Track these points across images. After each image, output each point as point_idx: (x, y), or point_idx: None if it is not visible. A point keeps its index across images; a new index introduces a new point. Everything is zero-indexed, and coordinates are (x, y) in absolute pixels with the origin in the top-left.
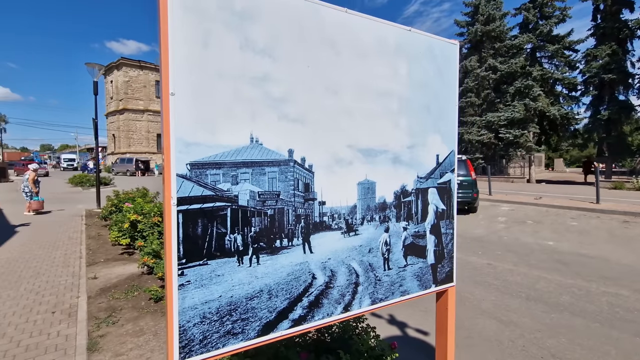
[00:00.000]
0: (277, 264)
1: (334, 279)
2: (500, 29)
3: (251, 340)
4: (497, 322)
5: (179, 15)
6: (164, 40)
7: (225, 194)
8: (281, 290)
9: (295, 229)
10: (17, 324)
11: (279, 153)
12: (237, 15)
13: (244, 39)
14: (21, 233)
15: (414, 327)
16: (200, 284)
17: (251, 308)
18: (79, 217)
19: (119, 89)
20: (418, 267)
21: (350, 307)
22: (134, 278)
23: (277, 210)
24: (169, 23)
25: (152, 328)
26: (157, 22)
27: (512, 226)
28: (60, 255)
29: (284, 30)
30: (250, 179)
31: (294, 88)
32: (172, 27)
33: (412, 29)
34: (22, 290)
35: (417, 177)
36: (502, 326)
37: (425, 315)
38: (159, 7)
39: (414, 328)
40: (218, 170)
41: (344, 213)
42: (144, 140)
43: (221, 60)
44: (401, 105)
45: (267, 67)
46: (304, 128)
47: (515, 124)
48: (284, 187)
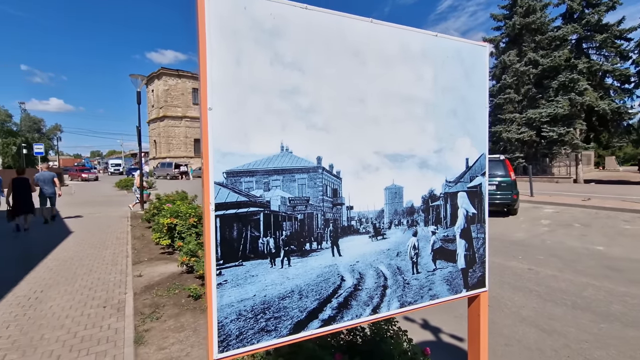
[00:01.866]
0: (307, 266)
1: (362, 282)
2: (541, 21)
3: (283, 338)
4: (539, 331)
5: (216, 38)
6: (202, 60)
7: (258, 199)
8: (311, 291)
9: (324, 233)
10: (73, 316)
11: (308, 160)
12: (266, 33)
13: (274, 55)
14: (75, 234)
15: (447, 333)
16: (236, 283)
17: (283, 307)
18: (125, 219)
19: (159, 97)
20: (448, 271)
21: (379, 309)
22: (174, 276)
23: (307, 215)
24: (207, 45)
25: (191, 324)
26: (197, 44)
27: (557, 229)
28: (109, 254)
29: (311, 44)
30: (281, 186)
31: (321, 98)
32: (209, 48)
33: (438, 34)
34: (77, 286)
35: (445, 181)
36: (545, 335)
37: (459, 320)
38: (198, 31)
39: (448, 334)
40: (251, 178)
41: (371, 217)
42: (182, 145)
43: (253, 76)
44: (427, 110)
45: (295, 79)
46: (331, 136)
47: (559, 120)
48: (313, 193)
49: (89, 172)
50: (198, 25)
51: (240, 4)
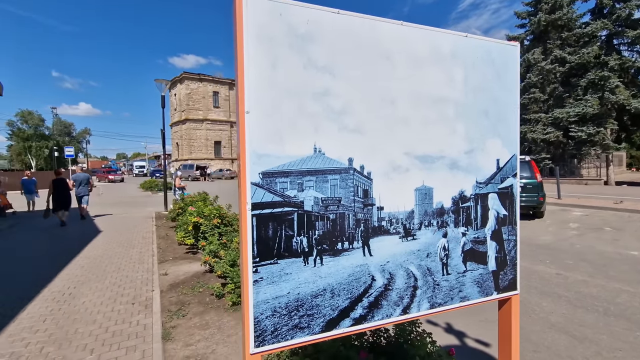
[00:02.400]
0: (339, 265)
1: (393, 282)
2: (568, 17)
3: (316, 335)
4: (569, 337)
5: (253, 43)
6: (240, 65)
7: (292, 199)
8: (343, 290)
9: (355, 233)
10: (104, 312)
11: (339, 162)
12: (300, 38)
13: (307, 59)
14: (104, 233)
15: (472, 337)
16: (271, 280)
17: (316, 305)
18: (150, 219)
19: (181, 101)
20: (478, 273)
21: (409, 309)
22: (198, 275)
23: (339, 215)
24: (244, 50)
25: (216, 322)
26: (234, 49)
27: (586, 233)
28: (136, 253)
29: (342, 48)
30: (314, 186)
31: (352, 100)
32: (247, 55)
33: (468, 35)
34: (107, 283)
35: (476, 182)
36: (575, 342)
37: (485, 325)
38: (236, 37)
39: (473, 338)
40: (286, 179)
41: (401, 218)
42: (203, 147)
43: (287, 80)
44: (457, 111)
45: (327, 82)
46: (362, 137)
47: (588, 120)
48: (345, 194)
49: (115, 173)
50: (236, 32)
51: (276, 10)
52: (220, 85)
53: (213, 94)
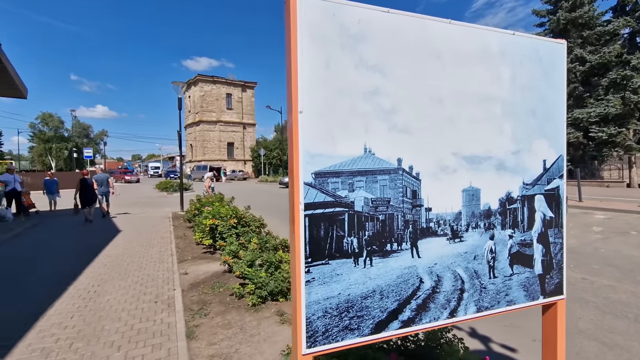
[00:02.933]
0: (388, 267)
1: (440, 284)
2: (589, 15)
3: (365, 337)
4: (599, 344)
5: (307, 43)
6: (293, 65)
7: (343, 200)
8: (391, 291)
9: (404, 234)
10: (129, 310)
11: (389, 162)
12: (352, 37)
13: (358, 59)
14: (124, 232)
15: (498, 343)
16: (322, 281)
17: (365, 307)
18: (167, 219)
19: (195, 103)
20: (525, 276)
21: (456, 313)
22: (217, 275)
23: (388, 216)
24: (298, 51)
25: (238, 322)
26: (287, 50)
27: (611, 237)
28: (156, 252)
29: (392, 47)
30: (365, 187)
31: (401, 100)
32: (300, 54)
33: (515, 33)
34: (130, 282)
35: (522, 183)
36: (605, 349)
37: (510, 330)
38: (289, 37)
39: (499, 343)
40: (337, 179)
41: (449, 219)
42: (216, 148)
43: (339, 79)
44: (505, 110)
45: (377, 82)
46: (411, 137)
47: (609, 120)
48: (394, 194)
49: (132, 174)
50: (290, 32)
51: (329, 10)
52: (233, 87)
53: (226, 96)
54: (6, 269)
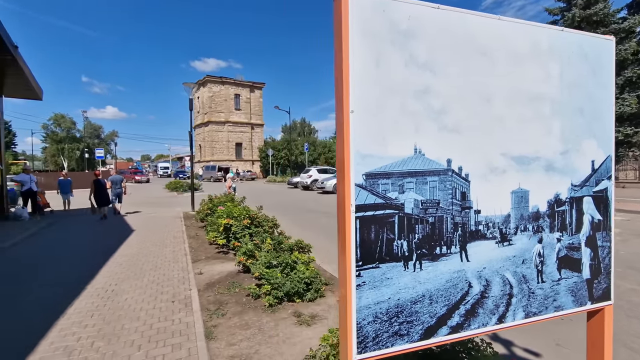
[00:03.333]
0: (437, 271)
1: (489, 289)
2: (603, 12)
3: (415, 343)
4: (627, 350)
5: (357, 40)
6: (345, 63)
7: (393, 202)
8: (440, 296)
9: (453, 237)
10: (147, 309)
11: (438, 163)
12: (402, 34)
13: (409, 56)
14: (137, 232)
15: (520, 346)
16: (373, 285)
17: (415, 312)
18: (178, 219)
19: (204, 104)
20: (572, 281)
21: (504, 318)
22: (232, 275)
23: (437, 218)
24: (349, 48)
25: (255, 323)
26: (336, 47)
27: (631, 239)
28: (169, 252)
29: (442, 44)
30: (415, 188)
31: (451, 99)
32: (352, 51)
33: (564, 29)
34: (146, 281)
35: (571, 185)
36: (635, 355)
37: (528, 333)
38: (340, 34)
39: (521, 347)
40: (387, 180)
41: (498, 222)
42: (224, 149)
43: (390, 77)
44: (553, 109)
45: (428, 80)
46: (460, 137)
47: (625, 119)
48: (443, 196)
49: (142, 174)
50: (340, 29)
51: (379, 6)
52: (241, 87)
53: (235, 96)
54: (25, 268)
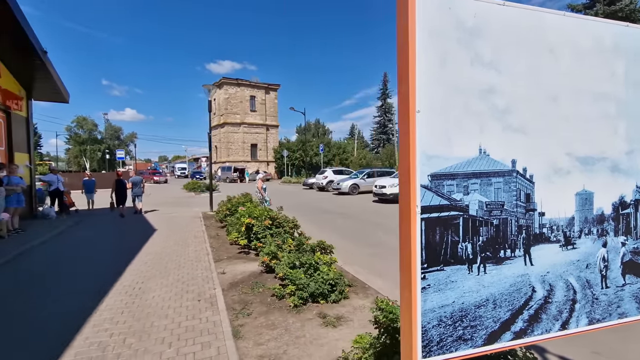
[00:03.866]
0: (501, 274)
1: (552, 294)
2: (630, 8)
3: (478, 348)
4: None
5: (423, 40)
6: (411, 63)
7: (458, 203)
8: (504, 301)
9: (517, 240)
10: (174, 307)
11: (503, 164)
12: (468, 32)
13: (474, 54)
14: (159, 231)
15: (555, 354)
16: (437, 288)
17: (478, 316)
18: (197, 219)
19: (220, 105)
20: (637, 287)
21: (568, 325)
22: (255, 275)
23: (502, 221)
24: (416, 47)
25: (282, 323)
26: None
27: None
28: (192, 251)
29: (507, 41)
30: (479, 190)
31: (516, 98)
32: (418, 51)
33: (629, 25)
34: (171, 279)
35: (636, 186)
36: None
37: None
38: (406, 34)
39: (556, 355)
40: (452, 181)
41: (562, 225)
42: (240, 150)
43: (455, 77)
44: (619, 108)
45: (492, 79)
46: (525, 138)
47: None
48: (508, 198)
49: (160, 175)
50: (407, 27)
51: (445, 4)
52: (257, 89)
53: (250, 98)
54: (55, 266)
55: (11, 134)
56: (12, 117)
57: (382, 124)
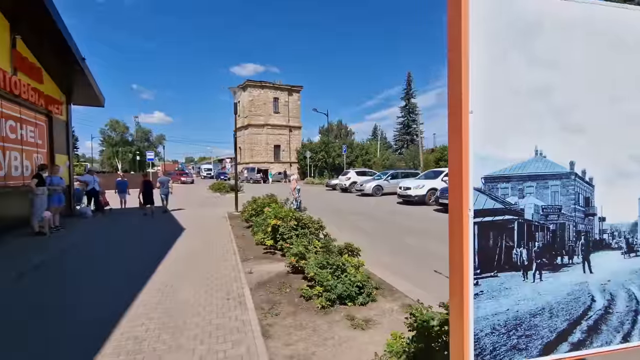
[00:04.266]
0: (558, 282)
1: (613, 304)
2: None
3: (533, 359)
4: None
5: (478, 38)
6: (464, 62)
7: (512, 207)
8: (561, 310)
9: (575, 246)
10: (204, 305)
11: (560, 166)
12: (524, 29)
13: (531, 53)
14: (187, 230)
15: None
16: (491, 295)
17: (534, 325)
18: (224, 219)
19: (244, 107)
20: None
21: (630, 337)
22: (282, 275)
23: (559, 226)
24: (469, 46)
25: (309, 324)
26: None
27: None
28: (219, 250)
29: (567, 38)
30: (535, 193)
31: (575, 97)
32: (472, 49)
33: None
34: (201, 277)
35: None
36: None
37: None
38: (459, 33)
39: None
40: (507, 184)
41: (624, 231)
42: (263, 151)
43: (511, 75)
44: None
45: (550, 78)
46: (584, 138)
47: None
48: (565, 201)
49: (187, 175)
50: (460, 26)
51: (501, 0)
52: (280, 91)
53: (273, 100)
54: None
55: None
56: (53, 121)
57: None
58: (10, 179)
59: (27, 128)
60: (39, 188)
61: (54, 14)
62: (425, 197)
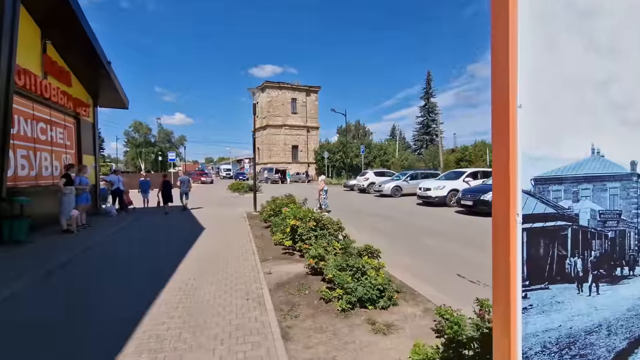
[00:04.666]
0: (617, 296)
1: None
2: None
3: None
4: None
5: (527, 24)
6: (511, 51)
7: (566, 212)
8: (620, 327)
9: (637, 256)
10: (224, 305)
11: (620, 166)
12: (579, 13)
13: (588, 40)
14: (207, 230)
15: None
16: (541, 309)
17: (589, 344)
18: (242, 218)
19: (262, 108)
20: None
21: None
22: (301, 277)
23: (618, 233)
24: (517, 34)
25: (329, 327)
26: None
27: None
28: (238, 250)
29: (629, 24)
30: (591, 196)
31: (637, 89)
32: (520, 37)
33: None
34: (220, 277)
35: None
36: None
37: None
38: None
39: None
40: (559, 186)
41: None
42: (281, 152)
43: (564, 66)
44: None
45: (610, 67)
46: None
47: None
48: (626, 206)
49: (207, 175)
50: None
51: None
52: (298, 92)
53: (291, 100)
54: (118, 261)
55: (80, 137)
56: (81, 123)
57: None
58: (40, 178)
59: (57, 130)
60: (67, 187)
61: (82, 19)
62: (446, 198)
